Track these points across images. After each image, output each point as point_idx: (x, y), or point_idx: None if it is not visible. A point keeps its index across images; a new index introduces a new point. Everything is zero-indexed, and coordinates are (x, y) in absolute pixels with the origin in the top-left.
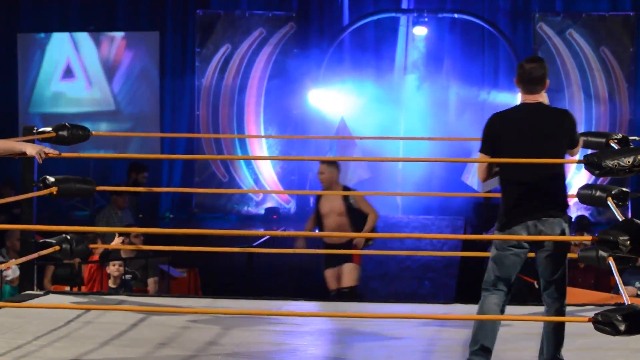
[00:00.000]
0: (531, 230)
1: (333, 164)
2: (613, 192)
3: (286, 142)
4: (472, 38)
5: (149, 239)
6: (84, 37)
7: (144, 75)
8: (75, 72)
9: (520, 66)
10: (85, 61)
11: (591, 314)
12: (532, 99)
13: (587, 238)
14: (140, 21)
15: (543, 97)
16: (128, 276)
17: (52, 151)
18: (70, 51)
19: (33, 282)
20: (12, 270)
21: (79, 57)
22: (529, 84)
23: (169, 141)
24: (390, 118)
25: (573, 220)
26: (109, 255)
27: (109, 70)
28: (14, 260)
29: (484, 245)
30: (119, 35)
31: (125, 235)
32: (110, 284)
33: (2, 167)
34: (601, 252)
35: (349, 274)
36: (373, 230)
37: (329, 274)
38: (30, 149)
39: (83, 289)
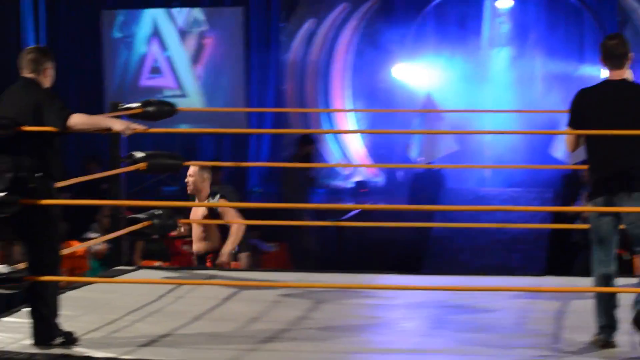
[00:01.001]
0: (618, 203)
1: (205, 168)
2: None
3: (373, 116)
4: (557, 11)
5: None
6: (167, 14)
7: (229, 50)
8: (159, 50)
9: (602, 45)
10: (169, 38)
11: None
12: (617, 75)
13: None
14: None
15: (627, 73)
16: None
17: (139, 127)
18: (154, 28)
19: (123, 258)
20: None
21: (162, 34)
22: (612, 61)
23: (256, 116)
24: (476, 92)
25: None
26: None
27: (194, 47)
28: (103, 236)
29: (573, 218)
30: (202, 11)
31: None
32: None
33: (88, 143)
34: None
35: None
36: (239, 242)
37: None
38: (118, 125)
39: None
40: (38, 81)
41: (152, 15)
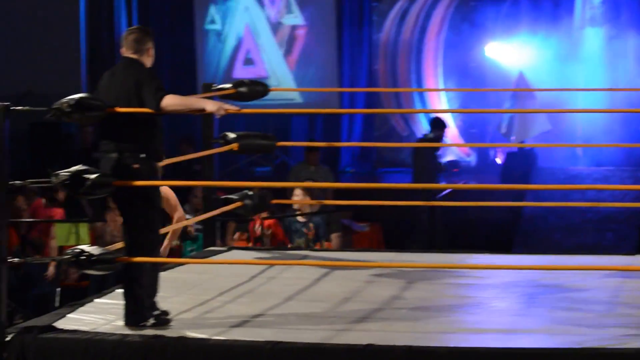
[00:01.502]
0: None
1: None
2: None
3: (465, 95)
4: None
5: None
6: (258, 3)
7: (321, 30)
8: (252, 31)
9: None
10: (261, 28)
11: None
12: None
13: None
14: None
15: None
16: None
17: (231, 107)
18: (246, 18)
19: (216, 239)
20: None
21: (255, 24)
22: None
23: (348, 96)
24: (569, 71)
25: None
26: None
27: (286, 34)
28: (195, 217)
29: None
30: None
31: (310, 190)
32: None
33: (180, 124)
34: None
35: None
36: (180, 232)
37: None
38: (210, 106)
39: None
40: (141, 61)
41: (244, 4)
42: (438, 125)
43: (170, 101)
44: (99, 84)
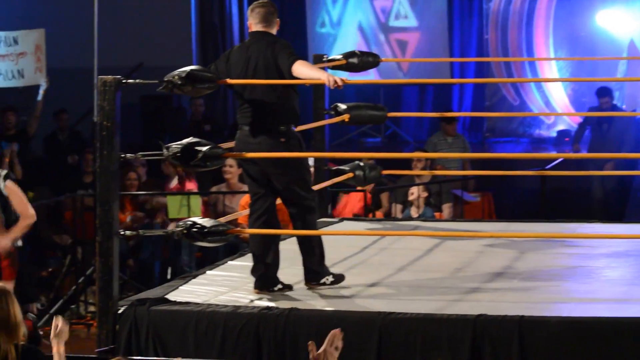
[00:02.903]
0: None
1: None
2: None
3: (576, 64)
4: None
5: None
6: None
7: (431, 1)
8: (363, 42)
9: None
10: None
11: None
12: None
13: None
14: None
15: None
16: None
17: (343, 79)
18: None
19: (328, 210)
20: None
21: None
22: None
23: (459, 66)
24: None
25: None
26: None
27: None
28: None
29: None
30: None
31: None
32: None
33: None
34: None
35: None
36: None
37: None
38: (326, 77)
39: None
40: (271, 33)
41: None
42: (602, 93)
43: (300, 67)
44: (229, 60)
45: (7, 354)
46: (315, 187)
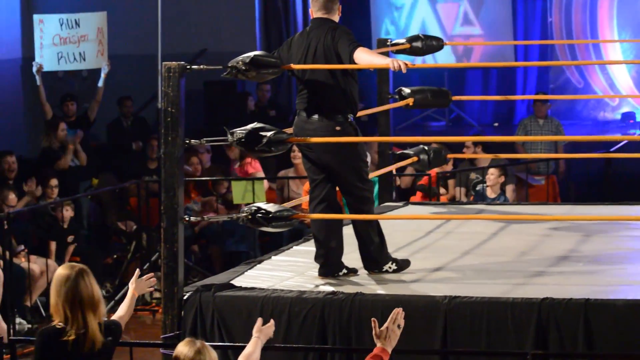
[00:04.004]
0: None
1: None
2: None
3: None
4: None
5: (504, 147)
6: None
7: None
8: None
9: None
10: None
11: None
12: None
13: None
14: None
15: None
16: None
17: (407, 63)
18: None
19: (392, 194)
20: None
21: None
22: None
23: (523, 49)
24: None
25: None
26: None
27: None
28: (371, 172)
29: None
30: None
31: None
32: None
33: None
34: None
35: None
36: None
37: None
38: (392, 63)
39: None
40: (332, 19)
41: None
42: None
43: (361, 55)
44: (291, 47)
45: (94, 331)
46: (380, 172)
